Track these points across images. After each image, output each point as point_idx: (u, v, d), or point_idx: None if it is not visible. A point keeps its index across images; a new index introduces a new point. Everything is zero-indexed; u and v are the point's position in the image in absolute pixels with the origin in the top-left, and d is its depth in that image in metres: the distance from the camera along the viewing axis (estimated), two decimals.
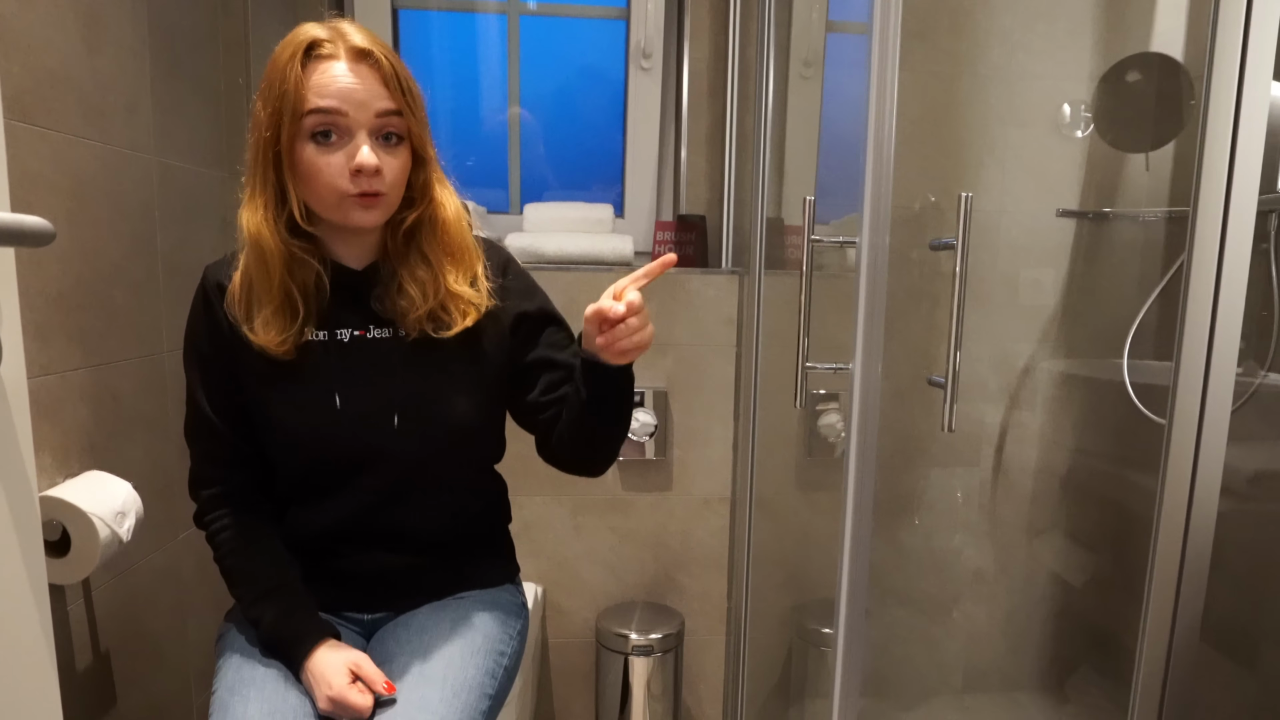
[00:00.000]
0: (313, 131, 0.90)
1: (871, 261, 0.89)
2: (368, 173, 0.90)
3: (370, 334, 1.00)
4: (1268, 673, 1.52)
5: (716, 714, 1.78)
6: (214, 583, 1.50)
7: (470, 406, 1.03)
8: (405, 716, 0.88)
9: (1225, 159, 0.94)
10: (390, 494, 1.01)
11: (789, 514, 1.77)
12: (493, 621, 1.04)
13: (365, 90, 0.90)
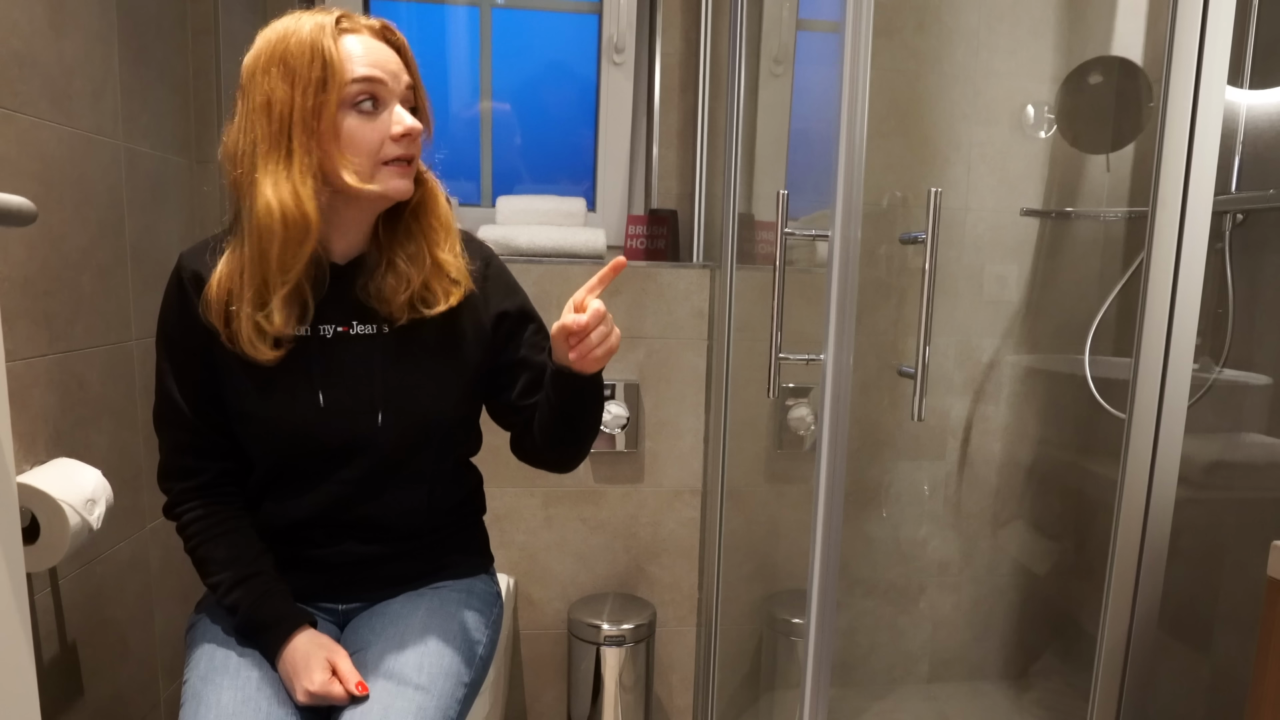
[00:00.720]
0: (356, 100, 0.91)
1: (843, 255, 0.91)
2: (414, 136, 0.93)
3: (354, 329, 1.00)
4: (1221, 656, 1.56)
5: (687, 703, 1.80)
6: (180, 573, 1.49)
7: (451, 402, 1.03)
8: (382, 705, 0.88)
9: (1182, 161, 0.97)
10: (369, 486, 1.01)
11: (758, 505, 1.78)
12: (469, 611, 1.05)
13: (395, 63, 0.94)
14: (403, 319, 0.99)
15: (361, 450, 0.99)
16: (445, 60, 1.88)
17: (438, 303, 0.99)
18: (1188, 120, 0.96)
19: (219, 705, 0.86)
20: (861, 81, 0.92)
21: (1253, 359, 1.50)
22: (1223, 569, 1.54)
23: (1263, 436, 1.46)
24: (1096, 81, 1.84)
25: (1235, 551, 1.52)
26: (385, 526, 1.04)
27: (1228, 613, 1.54)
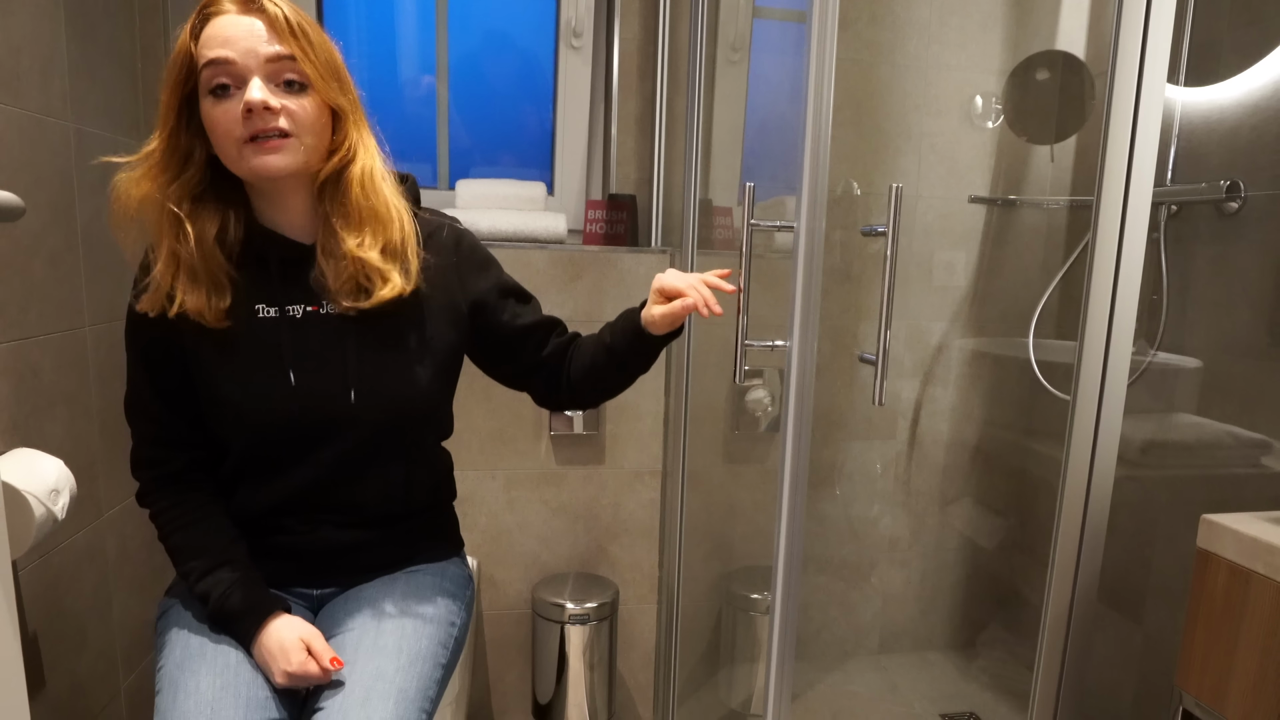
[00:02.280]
0: (210, 86, 0.88)
1: (808, 247, 0.94)
2: (257, 110, 0.87)
3: (323, 309, 0.99)
4: (1153, 625, 1.66)
5: (648, 679, 1.84)
6: (137, 563, 1.47)
7: (426, 382, 1.03)
8: (363, 687, 0.89)
9: (1124, 156, 1.02)
10: (344, 468, 1.01)
11: (716, 486, 1.83)
12: (443, 595, 1.06)
13: (252, 36, 0.88)
14: (343, 306, 0.97)
15: (335, 430, 0.99)
16: (400, 41, 1.85)
17: (375, 290, 0.96)
18: (1130, 115, 1.01)
19: (198, 692, 0.86)
20: (827, 81, 0.95)
21: (1184, 343, 1.59)
22: (1155, 543, 1.63)
23: (1194, 416, 1.55)
24: (1041, 75, 1.90)
25: (1167, 526, 1.61)
26: (361, 511, 1.04)
27: (1160, 584, 1.63)
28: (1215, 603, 0.96)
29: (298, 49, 0.90)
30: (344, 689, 0.90)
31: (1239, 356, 1.48)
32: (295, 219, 0.99)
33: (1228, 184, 1.47)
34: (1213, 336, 1.54)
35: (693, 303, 0.97)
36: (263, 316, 0.97)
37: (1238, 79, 1.51)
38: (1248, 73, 1.49)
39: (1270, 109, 1.45)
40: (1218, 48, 1.55)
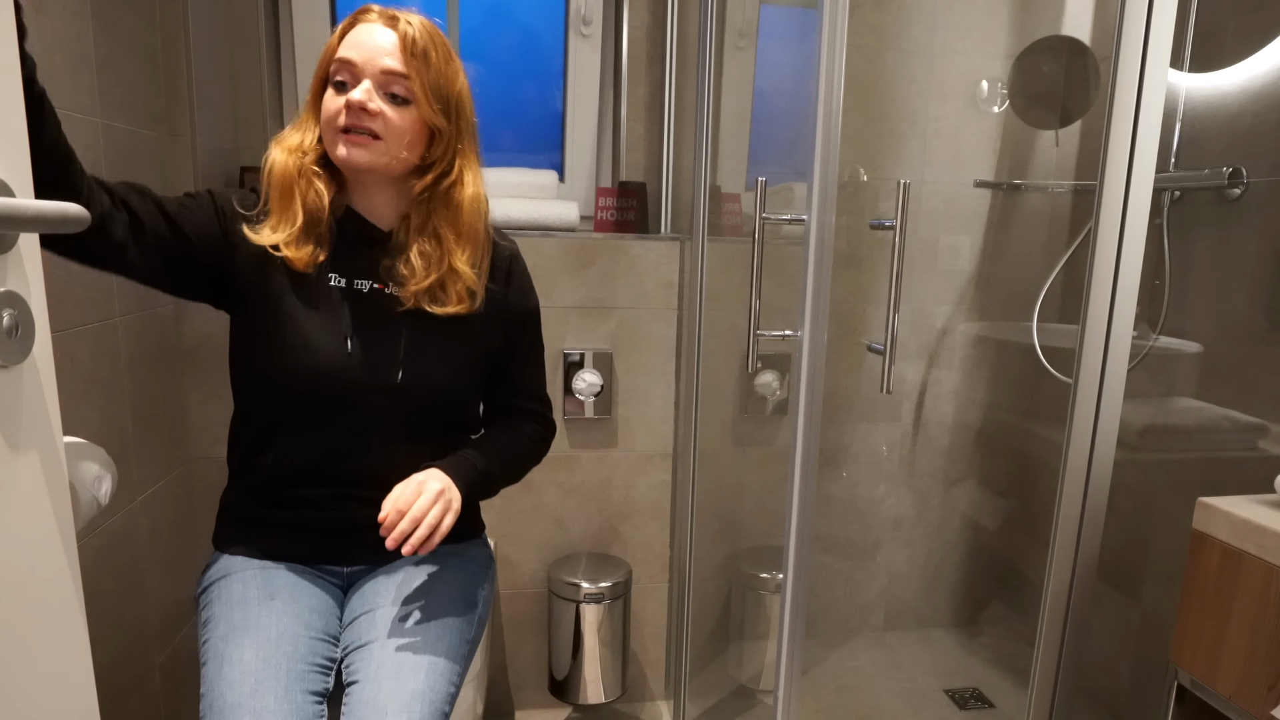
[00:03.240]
0: (333, 78, 1.02)
1: (819, 240, 0.97)
2: (354, 108, 0.99)
3: (388, 289, 1.08)
4: (1149, 602, 1.70)
5: (659, 655, 1.89)
6: (167, 543, 1.52)
7: (467, 375, 1.12)
8: (395, 660, 0.94)
9: (1127, 142, 1.04)
10: (372, 439, 1.07)
11: (725, 468, 1.87)
12: (468, 574, 1.11)
13: (379, 49, 1.01)
14: (411, 304, 1.07)
15: (374, 402, 1.05)
16: None
17: (449, 304, 1.08)
18: (1133, 101, 1.02)
19: (242, 663, 0.91)
20: (837, 76, 0.97)
21: (1185, 327, 1.62)
22: (1153, 523, 1.67)
23: (1193, 400, 1.58)
24: (1046, 60, 1.92)
25: (1165, 507, 1.65)
26: (383, 483, 1.08)
27: (1157, 562, 1.67)
28: (1209, 581, 1.00)
29: (412, 69, 1.02)
30: (377, 661, 0.95)
31: (1238, 341, 1.51)
32: (375, 207, 1.10)
33: (1230, 170, 1.49)
34: (1213, 321, 1.57)
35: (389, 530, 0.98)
36: (333, 284, 1.07)
37: (1240, 65, 1.53)
38: (1250, 60, 1.51)
39: (1272, 96, 1.47)
40: (1221, 34, 1.56)
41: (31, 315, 0.61)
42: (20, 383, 0.61)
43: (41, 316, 0.62)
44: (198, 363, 1.60)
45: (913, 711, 1.86)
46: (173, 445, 1.55)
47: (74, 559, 0.68)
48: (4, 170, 0.59)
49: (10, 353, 0.59)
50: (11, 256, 0.60)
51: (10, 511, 0.61)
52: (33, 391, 0.62)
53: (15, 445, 0.61)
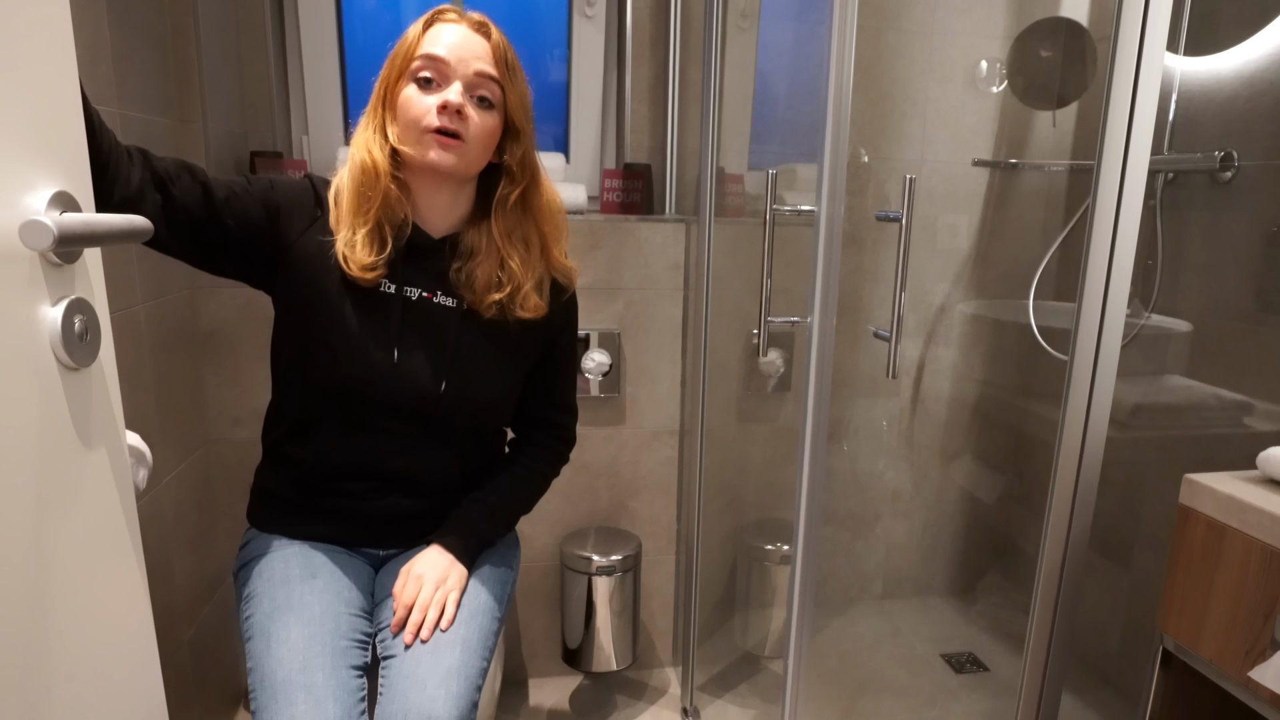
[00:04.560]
0: (416, 74, 1.02)
1: (828, 231, 1.01)
2: (451, 110, 1.00)
3: (436, 298, 1.09)
4: (1138, 571, 1.77)
5: (667, 624, 1.96)
6: (191, 524, 1.56)
7: (509, 384, 1.16)
8: (432, 638, 1.00)
9: (1124, 126, 1.07)
10: (415, 443, 1.11)
11: (729, 443, 1.92)
12: (496, 554, 1.17)
13: (471, 51, 1.02)
14: (488, 314, 1.10)
15: (417, 410, 1.09)
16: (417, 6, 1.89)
17: (529, 308, 1.11)
18: (1130, 84, 1.04)
19: (289, 641, 0.96)
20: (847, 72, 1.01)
21: (1176, 306, 1.67)
22: (1143, 495, 1.73)
23: (1183, 379, 1.63)
24: (1045, 42, 1.94)
25: (1154, 481, 1.71)
26: (423, 482, 1.14)
27: (1146, 533, 1.74)
28: (1194, 554, 1.05)
29: (504, 76, 1.04)
30: (415, 641, 1.01)
31: (1228, 320, 1.56)
32: (429, 212, 1.09)
33: (1222, 154, 1.53)
34: (1203, 300, 1.61)
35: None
36: (384, 290, 1.07)
37: (1235, 50, 1.56)
38: (1245, 44, 1.54)
39: (1266, 80, 1.50)
40: (1216, 18, 1.59)
41: (98, 320, 0.65)
42: (89, 383, 0.65)
43: (105, 321, 0.66)
44: (214, 346, 1.64)
45: (911, 676, 1.94)
46: (192, 428, 1.59)
47: (138, 542, 0.72)
48: (68, 182, 0.63)
49: (81, 356, 0.63)
50: (79, 266, 0.64)
51: (84, 499, 0.65)
52: (100, 390, 0.66)
53: (88, 441, 0.65)
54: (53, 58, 0.62)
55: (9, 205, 0.56)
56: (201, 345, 1.63)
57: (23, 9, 0.58)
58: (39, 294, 0.59)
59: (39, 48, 0.60)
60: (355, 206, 1.04)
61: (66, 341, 0.61)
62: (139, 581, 0.74)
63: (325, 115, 1.84)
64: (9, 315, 0.56)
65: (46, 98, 0.61)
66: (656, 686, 1.91)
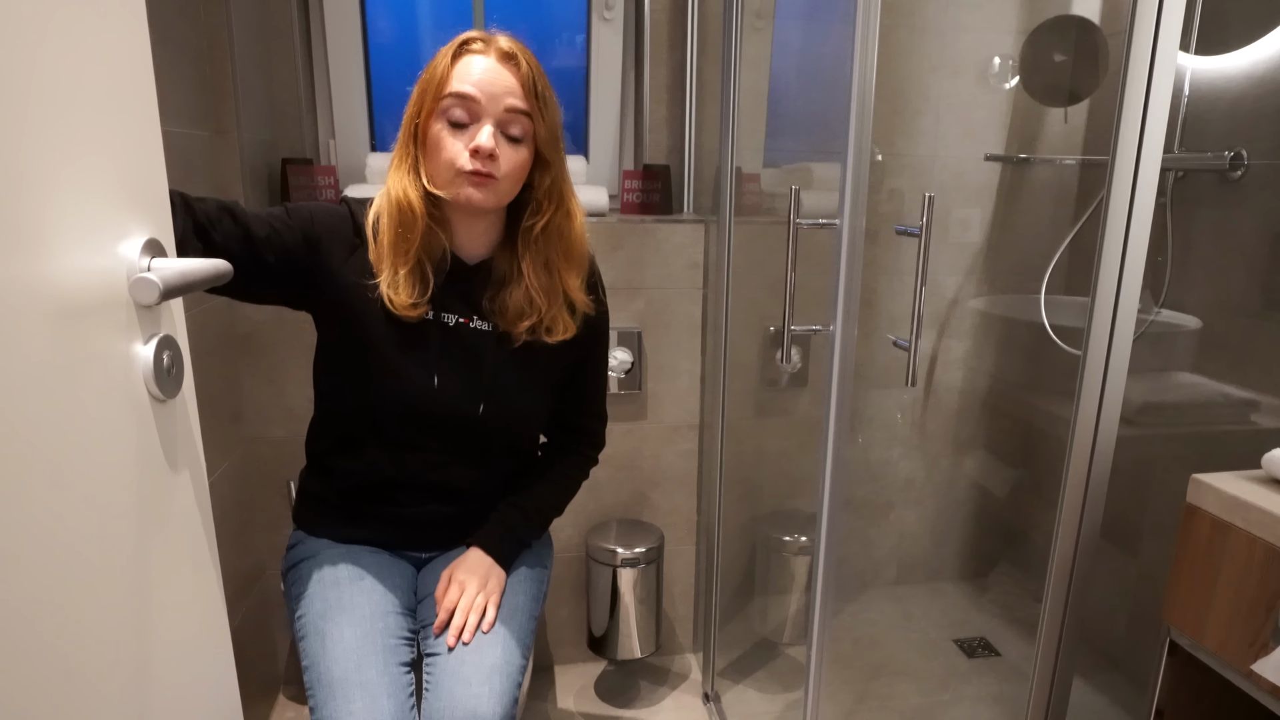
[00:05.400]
0: (447, 112, 1.02)
1: (850, 242, 1.05)
2: (483, 154, 1.01)
3: (473, 324, 1.13)
4: (1145, 557, 1.82)
5: (688, 611, 2.02)
6: (232, 520, 1.63)
7: (543, 403, 1.21)
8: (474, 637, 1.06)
9: (1137, 126, 1.08)
10: (455, 456, 1.16)
11: (747, 436, 1.97)
12: (532, 555, 1.23)
13: (501, 86, 1.02)
14: (520, 342, 1.13)
15: (458, 431, 1.14)
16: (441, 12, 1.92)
17: (556, 334, 1.14)
18: (1144, 85, 1.05)
19: (342, 640, 1.03)
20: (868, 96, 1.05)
21: (1185, 302, 1.71)
22: (1150, 486, 1.78)
23: (1191, 375, 1.68)
24: (1056, 39, 1.97)
25: (1160, 471, 1.75)
26: (462, 490, 1.20)
27: (1153, 522, 1.79)
28: (1199, 550, 1.11)
29: (534, 108, 1.04)
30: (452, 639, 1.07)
31: (1235, 316, 1.60)
32: (466, 242, 1.12)
33: (1231, 154, 1.57)
34: (1212, 296, 1.65)
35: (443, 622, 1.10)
36: (424, 319, 1.10)
37: (1245, 50, 1.59)
38: (1255, 44, 1.57)
39: (1275, 80, 1.53)
40: (1226, 17, 1.62)
41: (181, 355, 0.71)
42: (174, 413, 0.71)
43: (187, 355, 0.72)
44: (251, 349, 1.69)
45: (924, 660, 2.00)
46: (233, 428, 1.66)
47: (215, 553, 0.78)
48: (156, 229, 0.68)
49: (169, 388, 0.69)
50: (164, 306, 0.69)
51: (173, 517, 0.71)
52: (183, 420, 0.72)
53: (175, 465, 0.71)
54: (139, 111, 0.67)
55: (108, 253, 0.62)
56: (239, 348, 1.69)
57: (111, 64, 0.63)
58: (134, 334, 0.65)
59: (127, 103, 0.65)
60: (395, 246, 1.06)
61: (158, 376, 0.66)
62: (216, 589, 0.80)
63: (351, 119, 1.88)
64: (110, 355, 0.62)
65: (135, 151, 0.66)
66: (678, 672, 1.98)
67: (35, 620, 0.53)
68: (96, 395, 0.60)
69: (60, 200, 0.56)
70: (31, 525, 0.53)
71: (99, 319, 0.60)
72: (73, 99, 0.58)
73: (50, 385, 0.55)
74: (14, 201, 0.51)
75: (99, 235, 0.61)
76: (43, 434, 0.54)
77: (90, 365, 0.59)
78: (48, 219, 0.55)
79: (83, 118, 0.59)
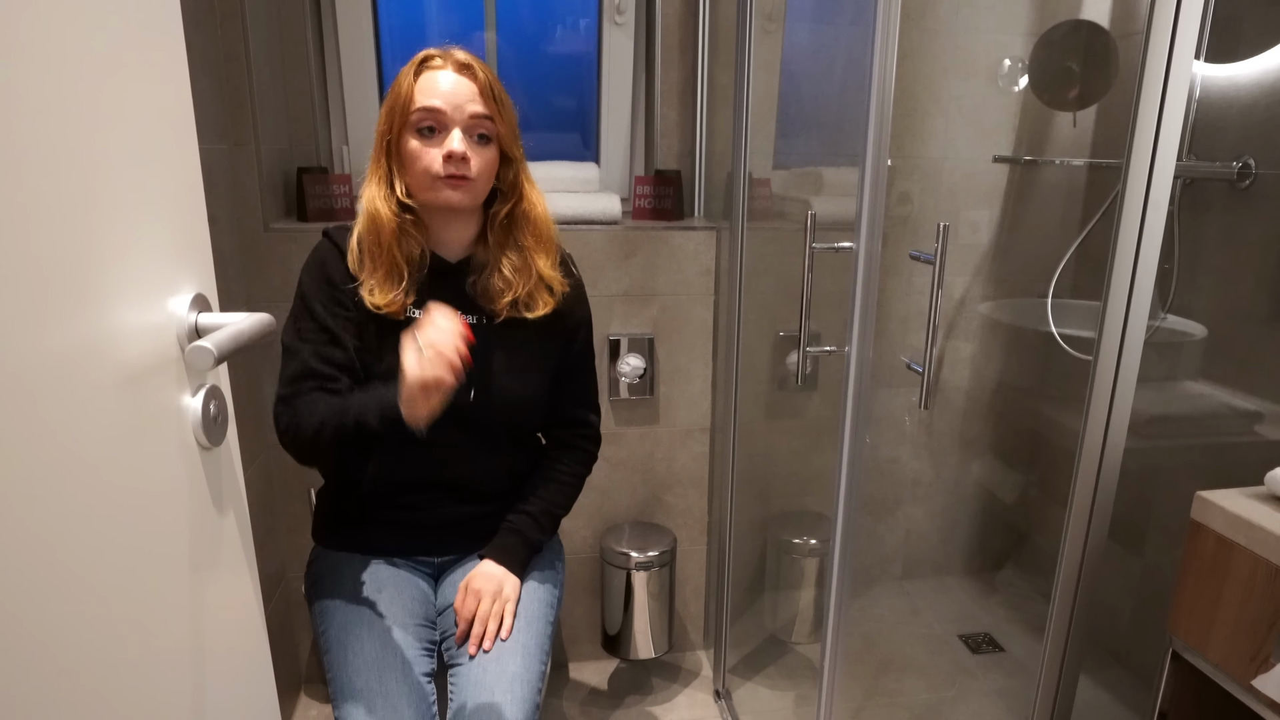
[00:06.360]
0: (417, 126, 1.10)
1: (867, 266, 1.07)
2: (456, 158, 1.09)
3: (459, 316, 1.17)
4: (1151, 555, 1.85)
5: (699, 609, 2.07)
6: (255, 527, 1.66)
7: (532, 387, 1.24)
8: (495, 647, 1.10)
9: (1151, 132, 1.06)
10: (460, 452, 1.21)
11: (758, 439, 2.00)
12: (545, 559, 1.27)
13: (463, 95, 1.10)
14: (503, 316, 1.19)
15: (455, 421, 1.16)
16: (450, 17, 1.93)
17: (536, 309, 1.20)
18: (1159, 94, 1.02)
19: (364, 653, 1.07)
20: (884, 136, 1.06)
21: (1191, 308, 1.72)
22: (1156, 486, 1.81)
23: (1197, 384, 1.70)
24: (1066, 44, 1.97)
25: (1167, 473, 1.78)
26: (472, 488, 1.24)
27: (1158, 522, 1.82)
28: (1204, 566, 1.14)
29: (494, 111, 1.12)
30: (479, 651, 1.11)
31: (1241, 324, 1.62)
32: (446, 241, 1.20)
33: (1240, 165, 1.58)
34: (1217, 304, 1.67)
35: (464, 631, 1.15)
36: (413, 317, 1.17)
37: (1256, 59, 1.60)
38: (1266, 54, 1.58)
39: None
40: (1237, 25, 1.62)
41: (226, 404, 0.74)
42: (220, 459, 0.74)
43: (230, 404, 0.75)
44: (272, 357, 1.72)
45: (930, 655, 2.04)
46: (256, 436, 1.69)
47: (258, 586, 0.82)
48: (201, 284, 0.71)
49: (215, 436, 0.72)
50: None
51: (222, 554, 0.74)
52: (229, 464, 0.75)
53: (221, 508, 0.74)
54: (182, 169, 0.70)
55: (160, 309, 0.65)
56: (261, 352, 1.71)
57: (159, 133, 0.65)
58: (184, 386, 0.68)
59: (172, 162, 0.67)
60: (371, 254, 1.14)
61: (205, 426, 0.69)
62: (258, 619, 0.83)
63: (365, 125, 1.90)
64: (163, 408, 0.65)
65: (181, 206, 0.69)
66: (689, 669, 2.03)
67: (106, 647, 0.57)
68: (153, 451, 0.63)
69: (118, 262, 0.59)
70: (92, 576, 0.56)
71: (154, 378, 0.63)
72: (124, 161, 0.60)
73: (114, 447, 0.58)
74: (80, 266, 0.54)
75: (152, 294, 0.63)
76: (108, 492, 0.57)
77: (147, 424, 0.62)
78: (110, 282, 0.58)
79: (133, 182, 0.61)
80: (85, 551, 0.54)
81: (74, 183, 0.54)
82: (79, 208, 0.54)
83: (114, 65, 0.59)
